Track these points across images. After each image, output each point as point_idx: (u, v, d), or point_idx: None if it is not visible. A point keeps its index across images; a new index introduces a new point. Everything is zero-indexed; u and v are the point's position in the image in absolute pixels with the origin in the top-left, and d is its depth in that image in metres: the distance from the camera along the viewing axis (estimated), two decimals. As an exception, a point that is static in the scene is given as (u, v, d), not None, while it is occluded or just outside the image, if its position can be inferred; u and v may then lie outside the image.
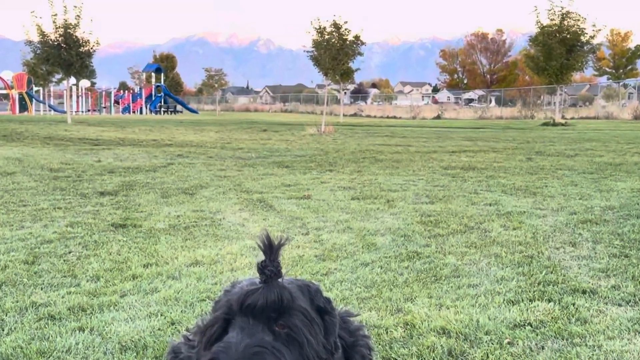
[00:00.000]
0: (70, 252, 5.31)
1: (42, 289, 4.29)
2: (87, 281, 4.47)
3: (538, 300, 4.05)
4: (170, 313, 3.77)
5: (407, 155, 14.92)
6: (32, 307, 3.92)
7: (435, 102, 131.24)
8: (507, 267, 4.90)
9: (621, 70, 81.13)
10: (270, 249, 1.27)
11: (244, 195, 8.31)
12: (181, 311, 3.80)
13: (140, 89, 60.42)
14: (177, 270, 4.75)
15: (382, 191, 8.91)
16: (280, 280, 1.25)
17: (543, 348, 3.31)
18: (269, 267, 1.25)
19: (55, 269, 4.79)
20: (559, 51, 33.67)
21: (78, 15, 32.10)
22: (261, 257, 1.29)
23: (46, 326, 3.60)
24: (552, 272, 4.72)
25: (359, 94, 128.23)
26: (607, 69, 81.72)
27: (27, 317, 3.74)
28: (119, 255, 5.23)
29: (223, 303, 1.25)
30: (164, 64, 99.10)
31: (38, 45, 31.97)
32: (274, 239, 1.29)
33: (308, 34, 27.31)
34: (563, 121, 36.16)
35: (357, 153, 15.44)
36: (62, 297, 4.09)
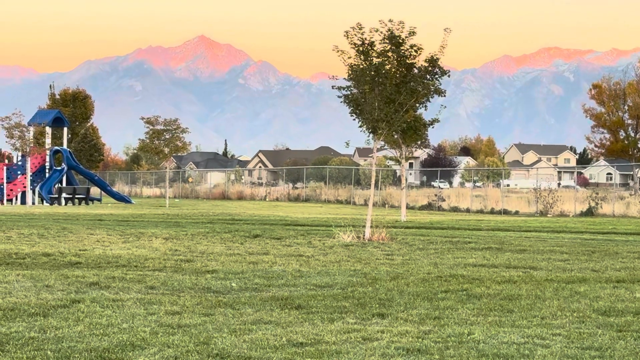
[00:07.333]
0: None
1: None
2: None
3: None
4: None
5: (530, 286, 14.86)
6: None
7: (585, 183, 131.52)
8: None
9: None
10: None
11: (216, 365, 8.25)
12: None
13: (24, 157, 61.64)
14: None
15: (482, 359, 8.84)
16: None
17: None
18: None
19: None
20: None
21: None
22: None
23: None
24: None
25: (438, 167, 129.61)
26: None
27: None
28: None
29: None
30: (70, 109, 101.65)
31: None
32: None
33: (340, 55, 27.91)
34: None
35: (433, 282, 15.43)
36: None
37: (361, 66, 27.34)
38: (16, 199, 61.39)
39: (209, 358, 8.79)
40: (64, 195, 63.11)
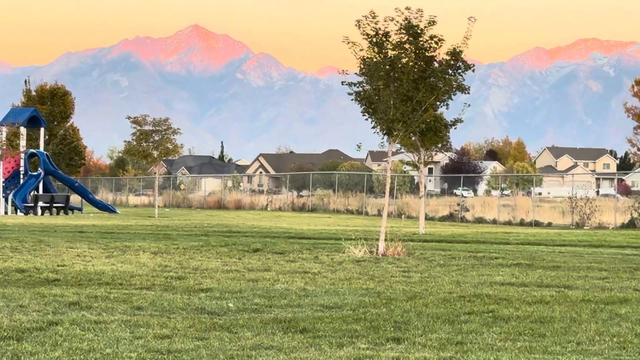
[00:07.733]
0: None
1: None
2: None
3: None
4: None
5: (564, 307, 14.84)
6: None
7: (626, 191, 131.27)
8: None
9: None
10: None
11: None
12: None
13: (-4, 160, 61.79)
14: None
15: (510, 389, 8.86)
16: None
17: None
18: None
19: None
20: None
21: None
22: None
23: None
24: None
25: (460, 173, 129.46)
26: None
27: None
28: None
29: None
30: (47, 107, 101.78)
31: None
32: None
33: (351, 47, 27.94)
34: None
35: (455, 302, 15.42)
36: None
37: (375, 59, 27.36)
38: (-15, 209, 61.48)
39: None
40: (40, 203, 63.13)
